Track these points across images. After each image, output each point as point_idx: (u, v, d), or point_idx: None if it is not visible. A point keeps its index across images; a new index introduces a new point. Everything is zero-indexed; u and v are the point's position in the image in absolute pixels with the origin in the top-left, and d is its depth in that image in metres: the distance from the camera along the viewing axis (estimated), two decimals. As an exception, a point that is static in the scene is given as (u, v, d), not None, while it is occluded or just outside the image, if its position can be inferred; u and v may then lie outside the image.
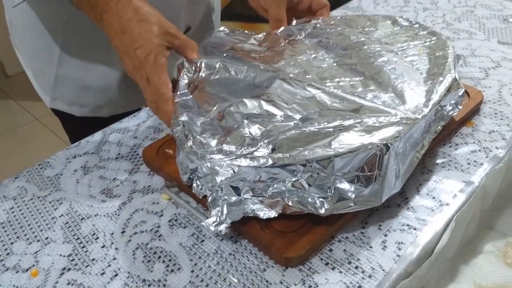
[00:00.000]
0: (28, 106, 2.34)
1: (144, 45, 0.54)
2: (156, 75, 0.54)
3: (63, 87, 0.78)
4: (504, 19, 0.90)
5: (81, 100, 0.80)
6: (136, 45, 0.54)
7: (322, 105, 0.54)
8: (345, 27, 0.69)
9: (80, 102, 0.80)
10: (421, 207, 0.52)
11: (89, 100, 0.80)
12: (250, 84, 0.58)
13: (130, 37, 0.55)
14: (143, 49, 0.54)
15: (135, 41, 0.54)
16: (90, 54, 0.75)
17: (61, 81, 0.77)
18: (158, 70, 0.54)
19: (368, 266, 0.46)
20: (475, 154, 0.59)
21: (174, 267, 0.48)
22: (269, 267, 0.47)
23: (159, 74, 0.54)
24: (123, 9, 0.56)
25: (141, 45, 0.54)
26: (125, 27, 0.55)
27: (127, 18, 0.55)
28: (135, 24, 0.55)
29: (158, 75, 0.54)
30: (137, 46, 0.54)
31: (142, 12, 0.56)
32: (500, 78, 0.73)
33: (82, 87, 0.78)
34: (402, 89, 0.55)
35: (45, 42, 0.74)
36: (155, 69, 0.54)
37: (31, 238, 0.52)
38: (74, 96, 0.80)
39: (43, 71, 0.78)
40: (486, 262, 0.46)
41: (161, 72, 0.55)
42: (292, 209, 0.47)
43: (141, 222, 0.53)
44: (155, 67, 0.54)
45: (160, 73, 0.54)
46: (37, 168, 0.62)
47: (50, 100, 0.81)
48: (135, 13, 0.55)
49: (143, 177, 0.59)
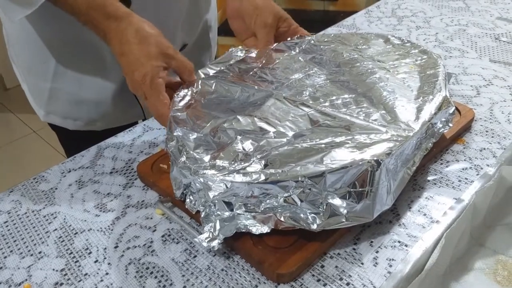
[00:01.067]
0: (25, 118, 2.35)
1: (140, 68, 0.56)
2: (154, 96, 0.57)
3: (57, 101, 0.79)
4: (496, 38, 0.91)
5: (75, 114, 0.80)
6: (133, 67, 0.57)
7: (314, 122, 0.54)
8: (339, 45, 0.70)
9: (74, 116, 0.81)
10: (413, 223, 0.53)
11: (82, 114, 0.80)
12: (244, 102, 0.59)
13: (128, 59, 0.57)
14: (139, 72, 0.56)
15: (132, 63, 0.57)
16: (85, 68, 0.76)
17: (55, 95, 0.78)
18: (155, 92, 0.57)
19: (360, 283, 0.46)
20: (466, 172, 0.59)
21: (166, 283, 0.48)
22: (261, 283, 0.47)
23: (156, 95, 0.57)
24: (123, 31, 0.58)
25: (138, 68, 0.56)
26: (124, 49, 0.57)
27: (127, 40, 0.57)
28: (133, 47, 0.57)
29: (156, 96, 0.57)
30: (134, 69, 0.57)
31: (141, 34, 0.58)
32: (492, 96, 0.74)
33: (76, 101, 0.78)
34: (394, 106, 0.56)
35: (40, 56, 0.75)
36: (152, 91, 0.57)
37: (24, 252, 0.52)
38: (67, 110, 0.80)
39: (37, 85, 0.79)
40: (476, 279, 0.46)
41: (158, 92, 0.57)
42: (284, 225, 0.48)
43: (134, 237, 0.53)
44: (151, 89, 0.56)
45: (157, 94, 0.57)
46: (32, 182, 0.62)
47: (44, 114, 0.81)
48: (135, 35, 0.57)
49: (137, 192, 0.60)
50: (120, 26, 0.58)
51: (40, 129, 2.23)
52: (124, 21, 0.58)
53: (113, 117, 0.82)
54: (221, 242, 0.48)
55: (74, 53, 0.75)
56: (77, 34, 0.73)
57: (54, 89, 0.77)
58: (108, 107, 0.79)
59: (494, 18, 0.99)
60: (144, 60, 0.56)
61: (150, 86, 0.56)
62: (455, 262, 0.47)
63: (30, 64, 0.78)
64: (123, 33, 0.58)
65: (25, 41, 0.75)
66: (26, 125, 2.31)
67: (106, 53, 0.75)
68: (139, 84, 0.57)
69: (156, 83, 0.56)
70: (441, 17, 1.02)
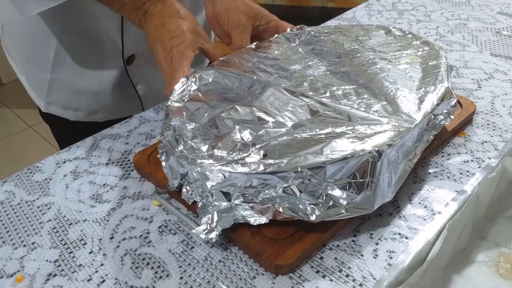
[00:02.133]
0: (21, 113, 2.33)
1: (179, 35, 0.60)
2: (179, 61, 0.59)
3: (57, 91, 0.78)
4: (496, 32, 0.91)
5: (75, 104, 0.80)
6: (172, 34, 0.60)
7: (314, 113, 0.54)
8: (339, 36, 0.69)
9: (74, 106, 0.80)
10: (413, 216, 0.52)
11: (83, 104, 0.79)
12: (242, 92, 0.58)
13: (168, 28, 0.60)
14: (177, 38, 0.59)
15: (172, 31, 0.60)
16: (84, 58, 0.75)
17: (56, 85, 0.77)
18: (183, 58, 0.59)
19: (359, 275, 0.46)
20: (468, 164, 0.59)
21: (163, 274, 0.47)
22: (259, 274, 0.46)
23: (181, 61, 0.59)
24: (166, 8, 0.62)
25: (177, 35, 0.60)
26: (165, 21, 0.61)
27: (169, 15, 0.62)
28: (175, 19, 0.61)
29: (181, 61, 0.59)
30: (173, 36, 0.60)
31: (182, 13, 0.62)
32: (493, 89, 0.73)
33: (76, 91, 0.78)
34: (395, 97, 0.55)
35: (39, 47, 0.74)
36: (180, 56, 0.59)
37: (17, 243, 0.51)
38: (68, 100, 0.79)
39: (37, 76, 0.78)
40: (478, 272, 0.46)
41: (185, 60, 0.59)
42: (282, 216, 0.47)
43: (131, 228, 0.52)
44: (181, 55, 0.59)
45: (183, 60, 0.59)
46: (26, 173, 0.61)
47: (45, 104, 0.80)
48: (176, 12, 0.62)
49: (133, 183, 0.59)
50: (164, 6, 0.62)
51: (36, 124, 2.22)
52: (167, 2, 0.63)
53: (113, 108, 0.81)
54: (219, 234, 0.47)
55: (74, 43, 0.74)
56: (76, 24, 0.72)
57: (53, 80, 0.76)
58: (108, 98, 0.79)
59: (495, 13, 0.99)
60: (186, 31, 0.60)
61: (182, 52, 0.59)
62: (457, 255, 0.46)
63: (28, 54, 0.77)
64: (165, 10, 0.62)
65: (23, 31, 0.74)
66: (22, 120, 2.30)
67: (106, 43, 0.74)
68: (171, 49, 0.59)
69: (187, 53, 0.59)
70: (441, 11, 1.01)
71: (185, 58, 0.59)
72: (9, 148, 2.12)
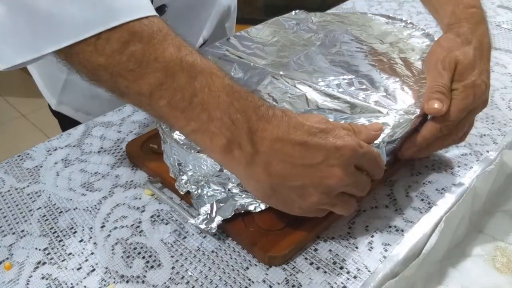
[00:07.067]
0: (14, 102, 2.30)
1: (345, 139, 0.41)
2: (367, 147, 0.43)
3: (71, 93, 0.77)
4: (497, 25, 0.90)
5: (88, 107, 0.78)
6: (338, 142, 0.40)
7: (312, 103, 0.53)
8: (339, 24, 0.68)
9: (87, 110, 0.78)
10: (409, 208, 0.51)
11: (95, 109, 0.77)
12: (239, 80, 0.57)
13: (309, 144, 0.40)
14: (345, 149, 0.40)
15: (329, 140, 0.40)
16: None
17: (70, 87, 0.76)
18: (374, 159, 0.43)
19: (354, 267, 0.45)
20: (466, 157, 0.58)
21: (154, 263, 0.46)
22: (252, 265, 0.45)
23: (376, 164, 0.44)
24: (288, 116, 0.41)
25: (338, 141, 0.40)
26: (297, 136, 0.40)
27: (296, 122, 0.41)
28: (311, 124, 0.41)
29: (368, 147, 0.43)
30: (339, 144, 0.40)
31: (305, 115, 0.42)
32: (492, 83, 0.72)
33: (90, 95, 0.75)
34: (394, 89, 0.54)
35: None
36: (366, 147, 0.42)
37: (6, 231, 0.50)
38: (81, 103, 0.78)
39: (52, 74, 0.76)
40: (474, 265, 0.45)
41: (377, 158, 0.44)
42: None
43: (122, 217, 0.51)
44: (365, 148, 0.42)
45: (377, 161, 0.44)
46: (16, 160, 0.60)
47: (56, 103, 0.79)
48: (299, 117, 0.41)
49: (125, 172, 0.57)
50: (276, 114, 0.41)
51: (29, 113, 2.19)
52: (276, 110, 0.41)
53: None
54: (219, 223, 0.46)
55: None
56: None
57: (69, 81, 0.75)
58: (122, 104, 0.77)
59: (495, 6, 0.98)
60: (339, 131, 0.41)
61: (365, 155, 0.42)
62: (453, 248, 0.46)
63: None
64: (288, 117, 0.41)
65: None
66: (15, 108, 2.27)
67: None
68: (356, 157, 0.41)
69: (367, 146, 0.42)
70: (441, 4, 1.00)
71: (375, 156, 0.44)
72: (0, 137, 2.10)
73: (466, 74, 0.50)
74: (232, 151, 0.39)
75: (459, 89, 0.50)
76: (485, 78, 0.51)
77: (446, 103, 0.49)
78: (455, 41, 0.52)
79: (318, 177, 0.40)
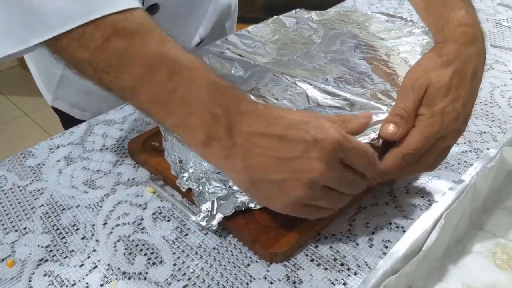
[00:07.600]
0: (17, 101, 2.31)
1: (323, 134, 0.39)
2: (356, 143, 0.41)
3: (67, 88, 0.77)
4: (497, 23, 0.90)
5: (83, 104, 0.78)
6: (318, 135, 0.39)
7: (313, 101, 0.53)
8: (339, 22, 0.68)
9: (82, 106, 0.79)
10: (410, 206, 0.51)
11: (91, 105, 0.78)
12: (240, 78, 0.57)
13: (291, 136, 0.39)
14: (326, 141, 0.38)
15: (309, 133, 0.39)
16: None
17: (66, 82, 0.76)
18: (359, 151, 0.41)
19: (354, 264, 0.45)
20: (466, 155, 0.58)
21: (156, 260, 0.46)
22: (253, 262, 0.46)
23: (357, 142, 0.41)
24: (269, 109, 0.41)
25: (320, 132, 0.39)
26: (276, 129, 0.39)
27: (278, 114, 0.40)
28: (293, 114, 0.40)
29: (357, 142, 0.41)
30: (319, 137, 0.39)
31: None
32: (492, 80, 0.72)
33: (85, 92, 0.76)
34: (395, 86, 0.54)
35: None
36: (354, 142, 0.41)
37: (8, 228, 0.51)
38: (76, 99, 0.78)
39: (48, 69, 0.76)
40: (475, 262, 0.45)
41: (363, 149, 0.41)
42: None
43: (124, 214, 0.52)
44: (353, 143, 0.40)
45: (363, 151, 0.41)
46: (19, 157, 0.60)
47: (52, 99, 0.79)
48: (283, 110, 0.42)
49: (127, 169, 0.58)
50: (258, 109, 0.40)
51: (32, 111, 2.20)
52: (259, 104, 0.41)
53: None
54: (220, 221, 0.46)
55: None
56: None
57: (65, 77, 0.75)
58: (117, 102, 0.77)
59: (495, 4, 0.98)
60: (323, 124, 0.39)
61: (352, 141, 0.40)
62: (454, 245, 0.46)
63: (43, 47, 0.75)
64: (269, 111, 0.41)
65: None
66: (17, 107, 2.28)
67: None
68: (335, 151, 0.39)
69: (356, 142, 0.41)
70: (442, 1, 1.00)
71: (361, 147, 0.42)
72: (3, 135, 2.11)
73: (436, 100, 0.45)
74: (211, 145, 0.39)
75: (426, 115, 0.45)
76: (459, 105, 0.45)
77: (402, 127, 0.45)
78: (435, 61, 0.47)
79: (298, 171, 0.39)
